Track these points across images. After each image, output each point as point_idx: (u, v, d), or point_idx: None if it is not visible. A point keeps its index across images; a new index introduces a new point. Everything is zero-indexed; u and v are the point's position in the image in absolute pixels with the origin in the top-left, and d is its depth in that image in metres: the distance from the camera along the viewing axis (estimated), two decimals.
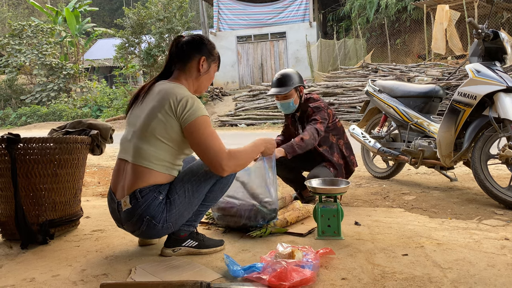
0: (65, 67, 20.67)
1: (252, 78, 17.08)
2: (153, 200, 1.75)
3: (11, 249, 2.13)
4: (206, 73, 1.93)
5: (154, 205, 1.75)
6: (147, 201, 1.74)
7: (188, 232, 1.92)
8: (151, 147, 1.76)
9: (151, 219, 1.76)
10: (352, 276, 1.62)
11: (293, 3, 16.46)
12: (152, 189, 1.76)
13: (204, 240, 1.96)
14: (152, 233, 1.82)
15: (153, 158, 1.76)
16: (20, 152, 2.16)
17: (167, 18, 15.00)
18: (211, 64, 1.95)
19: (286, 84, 2.76)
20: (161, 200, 1.76)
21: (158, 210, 1.75)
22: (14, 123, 19.06)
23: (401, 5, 15.20)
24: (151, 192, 1.75)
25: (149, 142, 1.76)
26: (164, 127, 1.75)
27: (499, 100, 2.53)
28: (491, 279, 1.55)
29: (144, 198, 1.74)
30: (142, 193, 1.75)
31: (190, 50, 1.89)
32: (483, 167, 2.64)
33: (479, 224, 2.27)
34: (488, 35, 2.62)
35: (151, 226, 1.77)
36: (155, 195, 1.76)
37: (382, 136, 3.56)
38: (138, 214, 1.76)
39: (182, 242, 1.92)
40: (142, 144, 1.77)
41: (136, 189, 1.75)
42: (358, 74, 11.80)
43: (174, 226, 1.84)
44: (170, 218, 1.79)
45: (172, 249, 1.92)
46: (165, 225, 1.79)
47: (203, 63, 1.90)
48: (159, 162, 1.77)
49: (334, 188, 2.16)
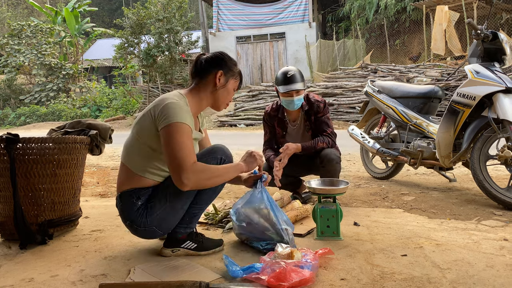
0: (64, 67, 20.66)
1: (251, 79, 17.09)
2: (131, 205, 1.81)
3: (10, 249, 2.12)
4: (223, 87, 1.90)
5: (132, 210, 1.80)
6: (126, 205, 1.82)
7: (187, 234, 1.93)
8: (132, 146, 1.84)
9: (131, 224, 1.83)
10: (351, 276, 1.62)
11: (293, 4, 16.47)
12: (131, 194, 1.81)
13: (203, 241, 1.96)
14: (140, 235, 1.89)
15: (131, 157, 1.83)
16: (19, 152, 2.15)
17: (166, 18, 14.99)
18: (230, 79, 1.92)
19: (302, 79, 2.77)
20: (139, 205, 1.80)
21: (136, 215, 1.80)
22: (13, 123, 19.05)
23: (401, 6, 15.22)
24: (129, 197, 1.81)
25: (131, 140, 1.85)
26: (146, 132, 1.78)
27: (498, 101, 2.53)
28: (490, 279, 1.55)
29: (123, 203, 1.83)
30: (122, 197, 1.83)
31: (208, 64, 1.88)
32: (482, 168, 2.64)
33: (478, 225, 2.27)
34: (487, 36, 2.63)
35: (135, 229, 1.85)
36: (134, 200, 1.80)
37: (381, 137, 3.57)
38: (122, 218, 1.88)
39: (181, 243, 1.92)
40: (128, 141, 1.88)
41: (120, 193, 1.85)
42: (357, 74, 11.80)
43: (160, 229, 1.85)
44: (152, 222, 1.81)
45: (171, 250, 1.92)
46: (148, 228, 1.82)
47: (220, 77, 1.88)
48: (135, 163, 1.82)
49: (333, 189, 2.16)
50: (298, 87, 2.72)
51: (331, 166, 2.67)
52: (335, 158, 2.67)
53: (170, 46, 15.00)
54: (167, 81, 15.79)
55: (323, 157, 2.69)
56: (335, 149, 2.78)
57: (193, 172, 1.65)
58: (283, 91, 2.74)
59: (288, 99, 2.76)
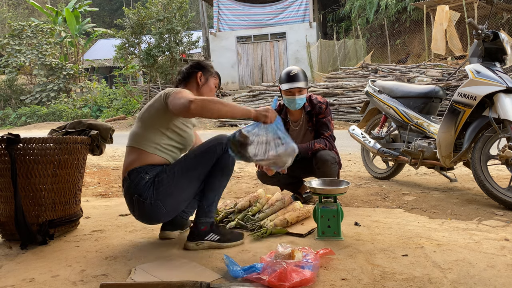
0: (65, 67, 20.68)
1: (252, 79, 17.08)
2: (139, 180, 1.94)
3: (10, 249, 2.12)
4: (205, 84, 2.20)
5: (140, 184, 1.93)
6: (134, 181, 1.94)
7: (208, 225, 2.01)
8: (140, 129, 2.03)
9: (138, 197, 1.93)
10: (352, 276, 1.62)
11: (293, 4, 16.46)
12: (139, 170, 1.95)
13: (225, 234, 2.05)
14: (145, 212, 1.96)
15: (140, 138, 2.01)
16: (20, 153, 2.16)
17: (167, 19, 14.99)
18: (209, 78, 2.22)
19: (305, 78, 2.79)
20: (147, 179, 1.94)
21: (144, 188, 1.92)
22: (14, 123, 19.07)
23: (401, 6, 15.21)
24: (137, 173, 1.95)
25: (139, 125, 2.05)
26: (155, 112, 2.01)
27: (499, 100, 2.53)
28: (491, 279, 1.55)
29: (131, 179, 1.95)
30: (130, 175, 1.97)
31: (189, 69, 2.20)
32: (483, 168, 2.64)
33: (479, 225, 2.27)
34: (488, 35, 2.63)
35: (141, 204, 1.94)
36: (142, 175, 1.94)
37: (382, 137, 3.56)
38: (129, 195, 1.97)
39: (205, 235, 2.00)
40: (135, 128, 2.08)
41: (127, 172, 1.98)
42: (358, 74, 11.80)
43: (165, 205, 1.95)
44: (158, 195, 1.92)
45: (196, 243, 2.00)
46: (154, 202, 1.92)
47: (201, 77, 2.18)
48: (148, 143, 1.99)
49: (334, 189, 2.16)
50: (300, 85, 2.74)
51: (326, 167, 2.68)
52: (329, 159, 2.68)
53: (171, 46, 15.00)
54: (167, 81, 15.78)
55: (318, 159, 2.71)
56: (332, 151, 2.78)
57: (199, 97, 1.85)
58: (285, 88, 2.77)
59: (290, 98, 2.78)
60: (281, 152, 1.96)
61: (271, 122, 1.97)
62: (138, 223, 2.54)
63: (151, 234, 2.30)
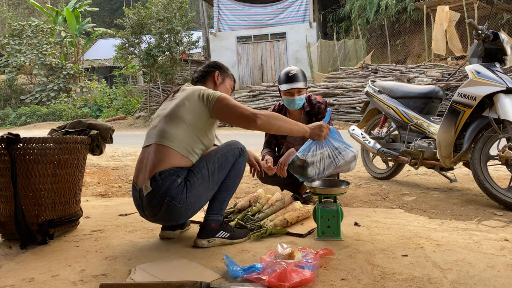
0: (65, 67, 20.69)
1: (252, 79, 17.08)
2: (172, 182, 1.89)
3: (10, 249, 2.12)
4: (222, 84, 2.25)
5: (173, 187, 1.89)
6: (166, 183, 1.88)
7: (218, 222, 2.04)
8: (174, 128, 1.96)
9: (171, 200, 1.89)
10: (351, 276, 1.62)
11: (293, 4, 16.45)
12: (171, 172, 1.90)
13: (234, 231, 2.10)
14: (172, 214, 1.94)
15: (175, 139, 1.94)
16: (20, 152, 2.16)
17: (167, 19, 14.99)
18: (226, 78, 2.28)
19: (304, 78, 2.80)
20: (179, 182, 1.90)
21: (177, 191, 1.89)
22: (14, 123, 19.08)
23: (401, 6, 15.20)
24: (170, 175, 1.89)
25: (173, 124, 1.96)
26: (190, 111, 1.97)
27: (499, 101, 2.53)
28: (491, 280, 1.55)
29: (163, 181, 1.89)
30: (161, 175, 1.89)
31: (206, 68, 2.25)
32: (482, 168, 2.64)
33: (478, 225, 2.27)
34: (488, 36, 2.63)
35: (171, 207, 1.90)
36: (174, 178, 1.90)
37: (382, 137, 3.56)
38: (159, 196, 1.89)
39: (216, 233, 2.03)
40: (167, 126, 1.97)
41: (156, 172, 1.90)
42: (358, 74, 11.80)
43: (193, 208, 1.97)
44: (190, 199, 1.92)
45: (207, 240, 2.02)
46: (184, 206, 1.92)
47: (218, 77, 2.24)
48: (180, 143, 1.94)
49: (334, 189, 2.16)
50: (299, 85, 2.74)
51: None
52: None
53: (171, 46, 15.00)
54: (167, 81, 15.79)
55: None
56: None
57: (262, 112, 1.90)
58: (284, 89, 2.78)
59: (289, 98, 2.78)
60: (341, 163, 2.03)
61: (325, 138, 2.04)
62: (138, 223, 2.54)
63: (151, 234, 2.30)
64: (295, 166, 2.09)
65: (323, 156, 2.02)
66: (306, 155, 2.05)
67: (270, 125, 1.92)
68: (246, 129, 1.96)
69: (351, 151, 2.05)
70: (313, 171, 2.03)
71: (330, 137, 2.07)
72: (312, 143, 2.07)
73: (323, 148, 2.04)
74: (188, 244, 2.08)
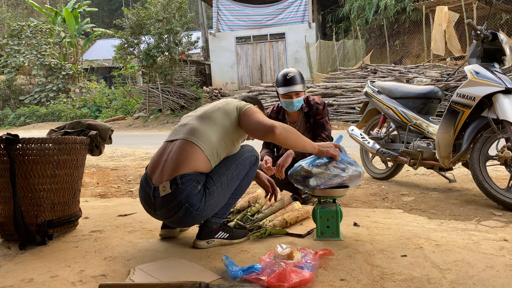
0: (64, 67, 20.67)
1: (251, 79, 17.09)
2: (192, 189, 1.84)
3: (9, 249, 2.12)
4: None
5: (193, 194, 1.84)
6: (187, 188, 1.83)
7: (219, 224, 2.04)
8: (206, 127, 1.95)
9: (189, 207, 1.84)
10: (351, 277, 1.62)
11: (292, 4, 16.47)
12: (193, 178, 1.85)
13: (233, 231, 2.10)
14: (187, 220, 1.92)
15: (206, 140, 1.92)
16: (19, 153, 2.15)
17: (166, 19, 14.98)
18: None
19: (302, 80, 2.79)
20: (199, 189, 1.86)
21: (197, 199, 1.85)
22: (13, 124, 19.05)
23: (400, 6, 15.22)
24: (191, 181, 1.85)
25: (207, 125, 1.96)
26: (225, 118, 1.99)
27: (498, 101, 2.53)
28: (490, 280, 1.55)
29: (184, 185, 1.83)
30: (183, 179, 1.84)
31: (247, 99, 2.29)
32: (481, 168, 2.64)
33: (477, 225, 2.27)
34: (487, 36, 2.63)
35: (187, 214, 1.86)
36: (195, 184, 1.85)
37: (381, 137, 3.57)
38: (177, 201, 1.84)
39: (215, 234, 2.03)
40: (200, 125, 1.97)
41: (177, 175, 1.84)
42: (357, 75, 11.81)
43: (208, 215, 1.97)
44: (207, 208, 1.90)
45: (206, 241, 2.02)
46: (201, 213, 1.90)
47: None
48: (209, 145, 1.92)
49: (333, 191, 2.15)
50: (298, 88, 2.73)
51: None
52: None
53: (170, 47, 14.99)
54: (167, 81, 15.78)
55: None
56: None
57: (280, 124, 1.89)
58: (282, 92, 2.76)
59: (287, 101, 2.77)
60: (345, 178, 2.03)
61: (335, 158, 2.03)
62: (137, 223, 2.54)
63: (150, 235, 2.30)
64: (298, 176, 2.10)
65: (328, 170, 2.03)
66: (312, 167, 2.05)
67: (288, 138, 1.90)
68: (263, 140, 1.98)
69: (356, 169, 2.06)
70: (315, 182, 2.04)
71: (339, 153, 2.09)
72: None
73: (329, 163, 2.04)
74: (187, 245, 2.08)
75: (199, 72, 18.30)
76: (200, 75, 18.25)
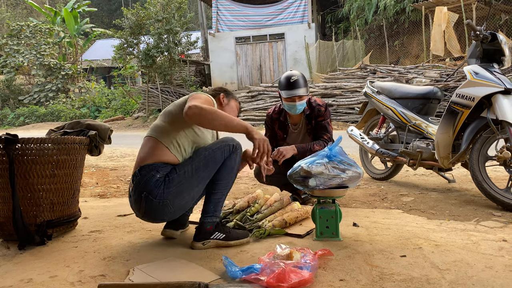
0: (64, 67, 20.66)
1: (250, 79, 17.08)
2: (150, 177, 1.92)
3: (8, 249, 2.12)
4: (227, 105, 2.29)
5: (151, 181, 1.91)
6: (145, 177, 1.92)
7: (214, 224, 2.03)
8: (165, 124, 2.03)
9: (147, 195, 1.91)
10: (350, 277, 1.62)
11: (292, 5, 16.46)
12: (152, 168, 1.93)
13: (230, 232, 2.07)
14: (152, 210, 1.94)
15: (164, 133, 2.00)
16: (18, 153, 2.15)
17: (166, 19, 14.98)
18: (231, 99, 2.32)
19: (306, 84, 2.77)
20: (158, 177, 1.92)
21: (154, 186, 1.90)
22: (12, 124, 19.04)
23: (400, 7, 15.22)
24: (150, 171, 1.93)
25: (164, 121, 2.05)
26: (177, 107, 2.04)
27: (497, 102, 2.54)
28: (489, 280, 1.55)
29: (142, 175, 1.93)
30: (142, 171, 1.94)
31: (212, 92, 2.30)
32: (481, 169, 2.64)
33: (477, 226, 2.28)
34: (486, 37, 2.63)
35: (148, 202, 1.92)
36: (153, 173, 1.92)
37: (381, 138, 3.57)
38: (138, 191, 1.94)
39: (210, 235, 2.02)
40: (159, 121, 2.07)
41: (138, 168, 1.97)
42: (356, 75, 11.81)
43: (173, 205, 1.95)
44: (168, 195, 1.92)
45: (202, 242, 2.01)
46: (162, 201, 1.92)
47: (223, 98, 2.27)
48: (168, 138, 1.98)
49: (333, 191, 2.16)
50: (301, 92, 2.71)
51: None
52: None
53: (170, 47, 14.99)
54: (166, 81, 15.78)
55: None
56: None
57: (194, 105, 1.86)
58: (285, 96, 2.74)
59: (290, 104, 2.76)
60: (345, 179, 2.04)
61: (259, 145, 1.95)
62: (137, 223, 2.54)
63: (149, 235, 2.30)
64: (298, 176, 2.10)
65: (328, 171, 2.03)
66: (311, 167, 2.06)
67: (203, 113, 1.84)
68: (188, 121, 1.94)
69: (356, 170, 2.07)
70: (314, 182, 2.05)
71: (339, 154, 2.09)
72: (319, 157, 2.08)
73: (329, 163, 2.04)
74: (186, 245, 2.08)
75: (199, 72, 18.30)
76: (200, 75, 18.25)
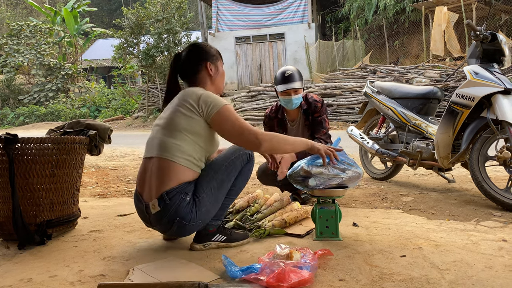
0: (64, 67, 20.66)
1: (250, 79, 17.09)
2: (181, 202, 1.81)
3: (8, 249, 2.12)
4: (217, 73, 2.06)
5: (182, 207, 1.82)
6: (175, 203, 1.81)
7: (216, 227, 2.00)
8: (175, 140, 1.85)
9: (181, 220, 1.83)
10: (350, 277, 1.62)
11: (292, 5, 16.47)
12: (179, 190, 1.82)
13: (231, 234, 2.05)
14: (184, 232, 1.92)
15: (177, 151, 1.83)
16: (18, 152, 2.15)
17: (166, 19, 14.99)
18: (217, 63, 2.06)
19: (300, 78, 2.80)
20: (188, 201, 1.83)
21: (186, 211, 1.82)
22: (12, 123, 19.05)
23: (400, 7, 15.23)
24: (178, 194, 1.81)
25: (173, 136, 1.85)
26: (188, 121, 1.85)
27: (497, 102, 2.54)
28: (489, 280, 1.55)
29: (172, 201, 1.81)
30: (169, 195, 1.81)
31: (194, 63, 2.01)
32: (481, 169, 2.64)
33: (477, 226, 2.28)
34: (486, 37, 2.63)
35: (181, 226, 1.86)
36: (182, 196, 1.82)
37: (380, 137, 3.57)
38: (168, 216, 1.83)
39: (212, 236, 2.00)
40: (167, 138, 1.86)
41: (163, 192, 1.81)
42: (356, 75, 11.81)
43: (204, 223, 1.93)
44: (200, 216, 1.87)
45: (203, 244, 1.99)
46: (196, 223, 1.88)
47: (211, 68, 2.02)
48: (183, 156, 1.84)
49: (332, 191, 2.16)
50: (296, 85, 2.75)
51: None
52: None
53: (169, 47, 14.99)
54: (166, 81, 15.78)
55: None
56: None
57: (266, 135, 1.85)
58: (281, 90, 2.78)
59: (286, 98, 2.79)
60: (345, 179, 2.03)
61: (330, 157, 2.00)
62: (137, 223, 2.54)
63: (149, 235, 2.30)
64: (297, 176, 2.10)
65: (327, 171, 2.03)
66: (311, 167, 2.06)
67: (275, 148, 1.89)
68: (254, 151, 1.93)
69: (356, 170, 2.06)
70: (314, 182, 2.04)
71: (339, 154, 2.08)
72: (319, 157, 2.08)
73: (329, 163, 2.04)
74: (186, 245, 2.08)
75: None
76: None
